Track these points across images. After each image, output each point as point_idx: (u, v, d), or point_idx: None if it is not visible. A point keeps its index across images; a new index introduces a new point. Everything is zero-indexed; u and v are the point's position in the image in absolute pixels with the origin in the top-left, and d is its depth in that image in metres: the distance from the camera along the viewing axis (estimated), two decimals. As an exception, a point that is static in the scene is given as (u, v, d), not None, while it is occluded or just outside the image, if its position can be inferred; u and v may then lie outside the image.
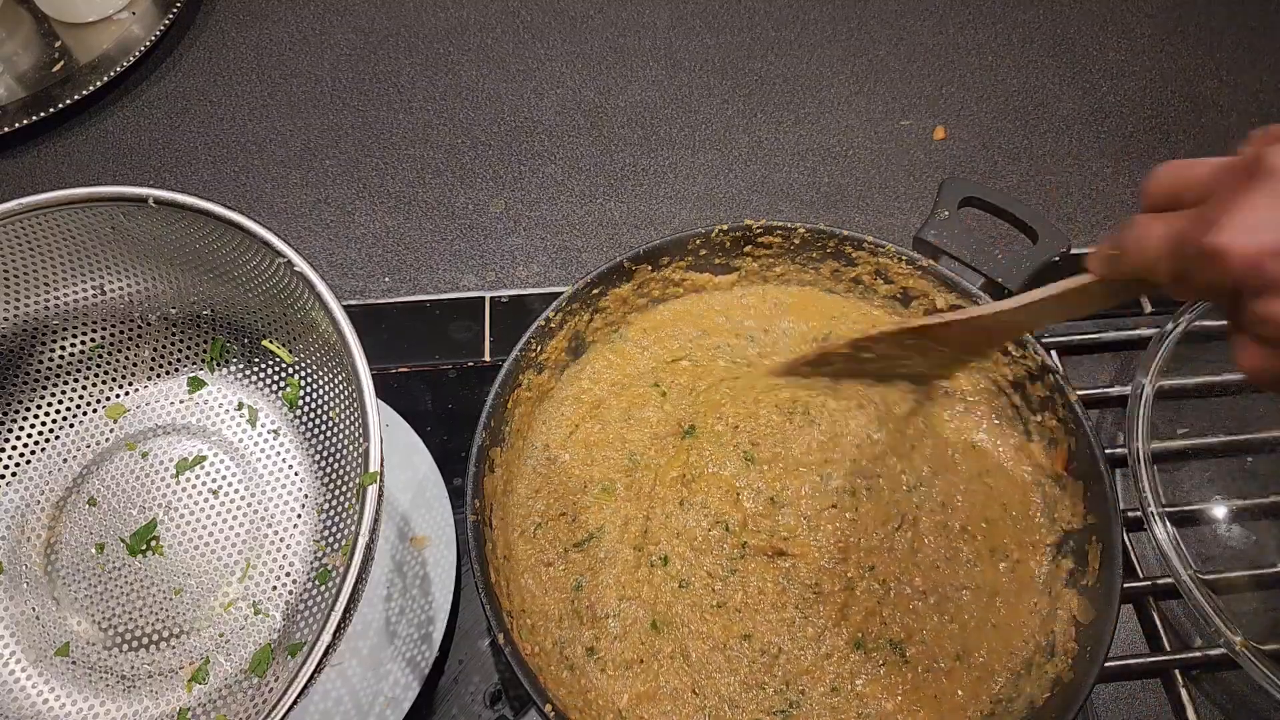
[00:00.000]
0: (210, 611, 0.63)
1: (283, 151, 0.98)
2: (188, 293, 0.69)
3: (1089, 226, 0.90)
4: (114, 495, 0.67)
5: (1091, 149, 0.96)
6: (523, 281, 0.88)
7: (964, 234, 0.68)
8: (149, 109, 1.02)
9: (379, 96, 1.02)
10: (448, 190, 0.95)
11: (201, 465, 0.68)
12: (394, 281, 0.88)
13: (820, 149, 0.97)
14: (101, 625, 0.63)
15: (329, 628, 0.49)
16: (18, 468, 0.68)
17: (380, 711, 0.62)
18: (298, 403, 0.69)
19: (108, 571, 0.65)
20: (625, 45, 1.06)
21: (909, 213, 0.92)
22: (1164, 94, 1.00)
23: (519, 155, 0.97)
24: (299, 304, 0.63)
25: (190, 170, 0.97)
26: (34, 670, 0.62)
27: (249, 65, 1.05)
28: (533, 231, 0.92)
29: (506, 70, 1.04)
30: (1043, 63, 1.03)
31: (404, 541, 0.69)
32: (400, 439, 0.74)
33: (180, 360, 0.71)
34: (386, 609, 0.66)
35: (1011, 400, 0.66)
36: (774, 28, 1.07)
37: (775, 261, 0.72)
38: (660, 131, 0.99)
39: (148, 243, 0.65)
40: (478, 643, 0.69)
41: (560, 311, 0.66)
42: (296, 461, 0.68)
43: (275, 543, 0.65)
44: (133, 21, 1.06)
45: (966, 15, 1.07)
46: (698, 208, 0.93)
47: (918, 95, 1.01)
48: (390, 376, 0.81)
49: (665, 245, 0.69)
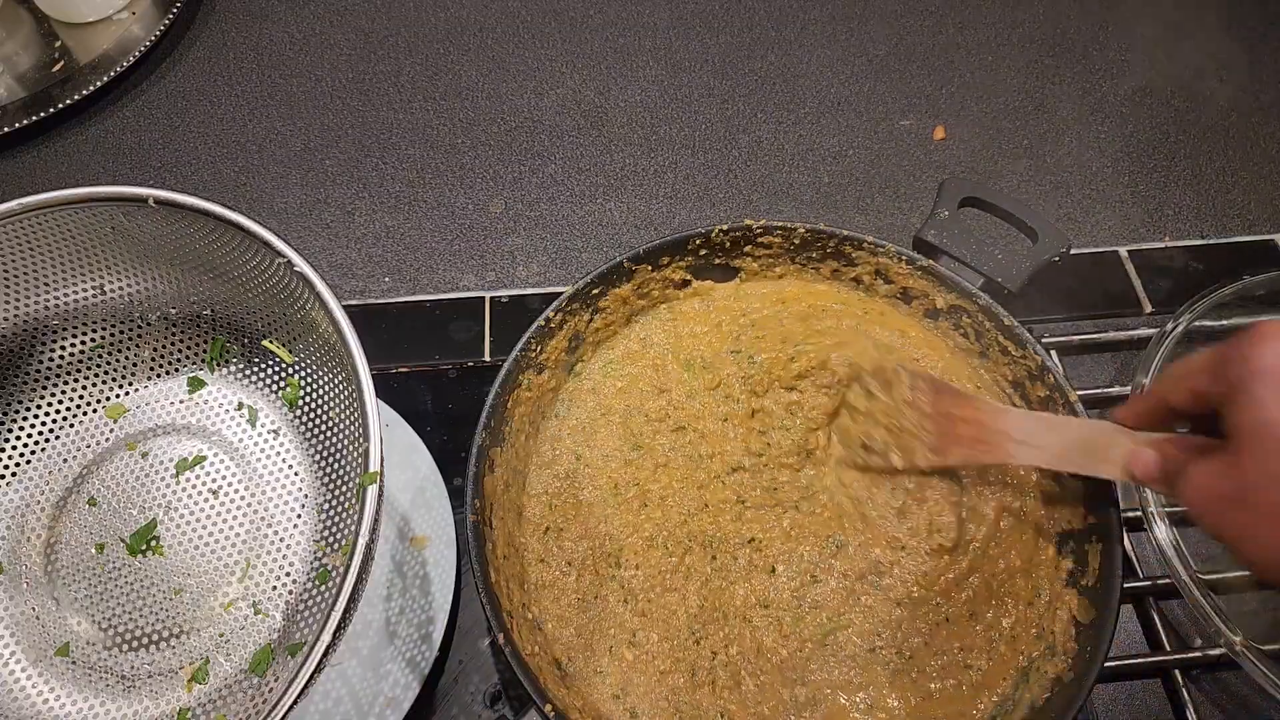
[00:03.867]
0: (210, 611, 0.63)
1: (283, 151, 0.98)
2: (188, 293, 0.69)
3: (1089, 226, 0.90)
4: (114, 495, 0.67)
5: (1091, 149, 0.96)
6: (523, 281, 0.88)
7: (964, 234, 0.68)
8: (149, 109, 1.02)
9: (379, 96, 1.02)
10: (448, 190, 0.95)
11: (201, 465, 0.68)
12: (394, 281, 0.88)
13: (820, 149, 0.97)
14: (101, 625, 0.63)
15: (329, 628, 0.49)
16: (18, 467, 0.68)
17: (380, 711, 0.62)
18: (298, 403, 0.69)
19: (108, 571, 0.65)
20: (625, 45, 1.06)
21: (909, 213, 0.92)
22: (1164, 94, 1.00)
23: (519, 155, 0.97)
24: (299, 304, 0.63)
25: (190, 170, 0.97)
26: (34, 670, 0.62)
27: (249, 65, 1.05)
28: (533, 231, 0.92)
29: (506, 70, 1.04)
30: (1043, 63, 1.03)
31: (404, 541, 0.69)
32: (400, 439, 0.74)
33: (180, 360, 0.71)
34: (386, 609, 0.66)
35: (1012, 400, 0.66)
36: (774, 28, 1.07)
37: (775, 261, 0.72)
38: (660, 131, 0.99)
39: (148, 243, 0.65)
40: (478, 643, 0.69)
41: (560, 311, 0.66)
42: (296, 461, 0.68)
43: (275, 543, 0.65)
44: (133, 21, 1.06)
45: (966, 15, 1.07)
46: (698, 208, 0.93)
47: (918, 95, 1.01)
48: (390, 376, 0.81)
49: (665, 245, 0.69)
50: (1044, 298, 0.84)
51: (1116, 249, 0.88)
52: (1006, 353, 0.65)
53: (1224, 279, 0.75)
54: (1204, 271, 0.86)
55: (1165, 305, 0.83)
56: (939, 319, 0.69)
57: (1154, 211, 0.91)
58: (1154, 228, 0.90)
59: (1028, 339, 0.64)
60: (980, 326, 0.66)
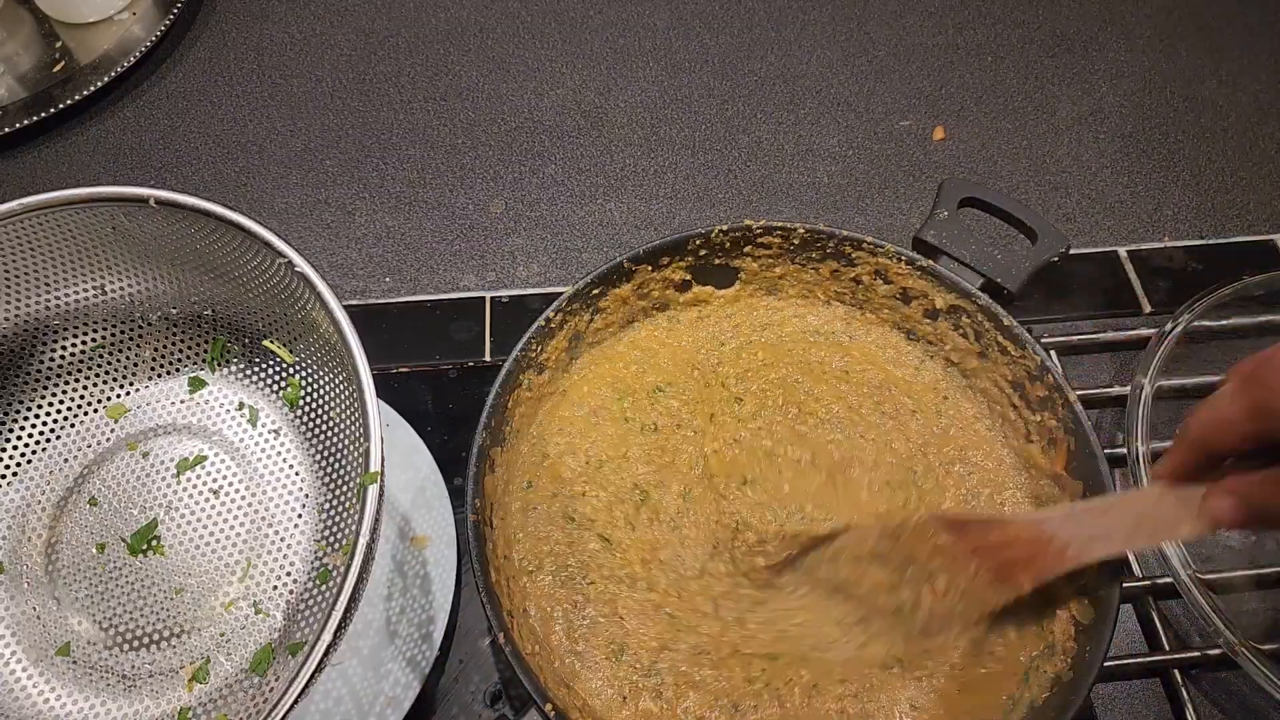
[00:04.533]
0: (211, 611, 0.63)
1: (283, 151, 0.98)
2: (188, 293, 0.69)
3: (1089, 226, 0.90)
4: (115, 495, 0.67)
5: (1091, 149, 0.96)
6: (523, 281, 0.88)
7: (963, 234, 0.68)
8: (149, 109, 1.02)
9: (379, 97, 1.02)
10: (448, 190, 0.95)
11: (202, 465, 0.68)
12: (394, 281, 0.88)
13: (820, 149, 0.97)
14: (102, 625, 0.63)
15: (330, 627, 0.49)
16: (18, 467, 0.68)
17: (380, 711, 0.62)
18: (298, 403, 0.69)
19: (108, 571, 0.65)
20: (625, 45, 1.06)
21: (909, 213, 0.92)
22: (1164, 94, 1.00)
23: (519, 155, 0.97)
24: (299, 304, 0.63)
25: (191, 170, 0.97)
26: (35, 670, 0.62)
27: (249, 66, 1.06)
28: (533, 231, 0.92)
29: (506, 70, 1.04)
30: (1043, 63, 1.03)
31: (404, 541, 0.69)
32: (401, 439, 0.74)
33: (181, 360, 0.71)
34: (387, 608, 0.66)
35: (1011, 400, 0.66)
36: (774, 28, 1.07)
37: (775, 262, 0.72)
38: (660, 131, 0.99)
39: (148, 243, 0.65)
40: (478, 642, 0.69)
41: (560, 311, 0.66)
42: (297, 461, 0.68)
43: (276, 542, 0.65)
44: (133, 22, 1.06)
45: (966, 15, 1.08)
46: (698, 208, 0.93)
47: (918, 95, 1.01)
48: (390, 376, 0.81)
49: (665, 245, 0.69)
50: (1044, 298, 0.84)
51: (1116, 249, 0.88)
52: (1006, 353, 0.65)
53: (1223, 279, 0.75)
54: (1203, 271, 0.86)
55: (1165, 305, 0.83)
56: (938, 319, 0.69)
57: (1153, 211, 0.91)
58: (1153, 228, 0.90)
59: (1027, 339, 0.64)
60: (980, 326, 0.66)
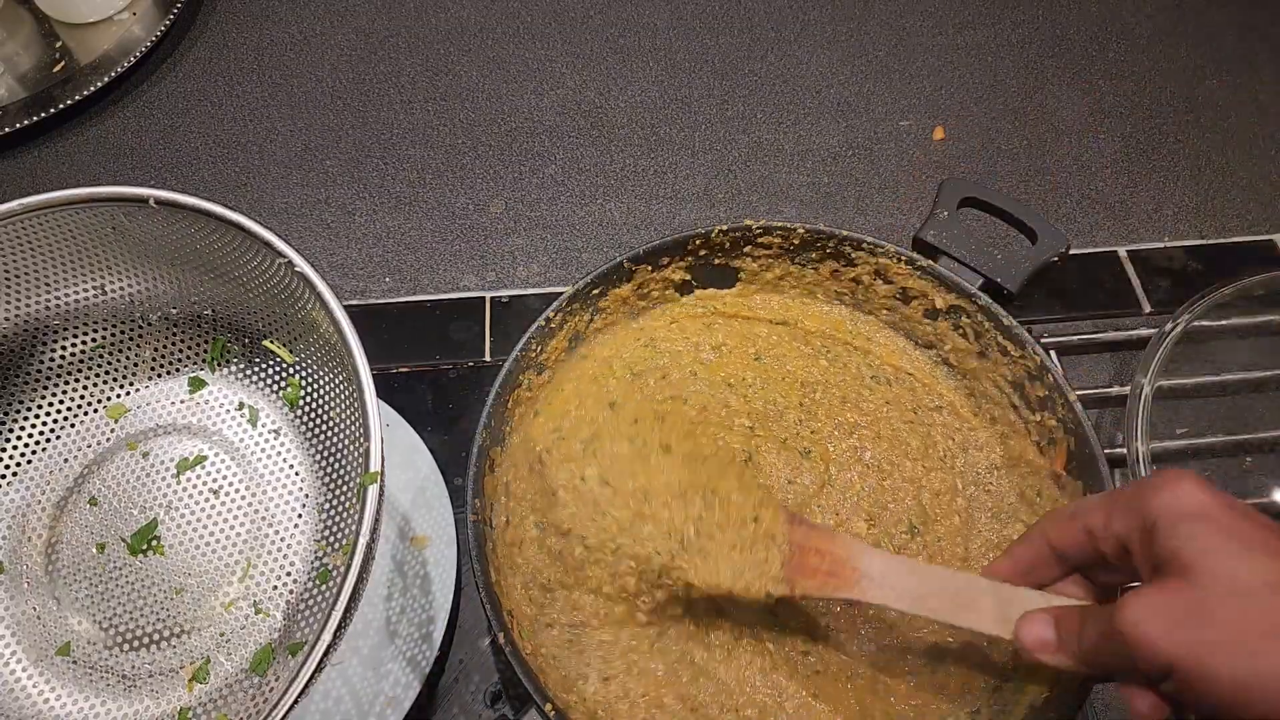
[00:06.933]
0: (211, 611, 0.63)
1: (283, 151, 0.98)
2: (189, 293, 0.69)
3: (1089, 226, 0.90)
4: (115, 495, 0.67)
5: (1090, 149, 0.96)
6: (523, 281, 0.88)
7: (963, 234, 0.68)
8: (149, 109, 1.02)
9: (379, 97, 1.02)
10: (448, 190, 0.95)
11: (202, 465, 0.68)
12: (394, 281, 0.88)
13: (820, 149, 0.97)
14: (102, 625, 0.63)
15: (330, 627, 0.49)
16: (19, 467, 0.68)
17: (380, 710, 0.62)
18: (298, 403, 0.69)
19: (109, 571, 0.65)
20: (625, 45, 1.06)
21: (909, 213, 0.92)
22: (1164, 94, 1.00)
23: (519, 155, 0.97)
24: (299, 304, 0.63)
25: (191, 170, 0.97)
26: (35, 670, 0.62)
27: (249, 66, 1.06)
28: (533, 231, 0.92)
29: (506, 70, 1.04)
30: (1042, 63, 1.03)
31: (404, 541, 0.69)
32: (401, 439, 0.74)
33: (181, 360, 0.72)
34: (387, 608, 0.67)
35: (1011, 400, 0.66)
36: (774, 28, 1.07)
37: (775, 262, 0.72)
38: (660, 131, 0.99)
39: (148, 243, 0.65)
40: (478, 642, 0.69)
41: (560, 311, 0.66)
42: (297, 461, 0.68)
43: (276, 542, 0.66)
44: (133, 22, 1.06)
45: (966, 16, 1.08)
46: (698, 208, 0.93)
47: (917, 95, 1.01)
48: (390, 376, 0.81)
49: (665, 245, 0.69)
50: (1043, 298, 0.84)
51: (1115, 249, 0.88)
52: (1006, 353, 0.65)
53: (1223, 279, 0.75)
54: (1203, 271, 0.86)
55: (1165, 305, 0.83)
56: (938, 319, 0.69)
57: (1153, 211, 0.91)
58: (1153, 228, 0.90)
59: (1027, 339, 0.64)
60: (980, 326, 0.66)
